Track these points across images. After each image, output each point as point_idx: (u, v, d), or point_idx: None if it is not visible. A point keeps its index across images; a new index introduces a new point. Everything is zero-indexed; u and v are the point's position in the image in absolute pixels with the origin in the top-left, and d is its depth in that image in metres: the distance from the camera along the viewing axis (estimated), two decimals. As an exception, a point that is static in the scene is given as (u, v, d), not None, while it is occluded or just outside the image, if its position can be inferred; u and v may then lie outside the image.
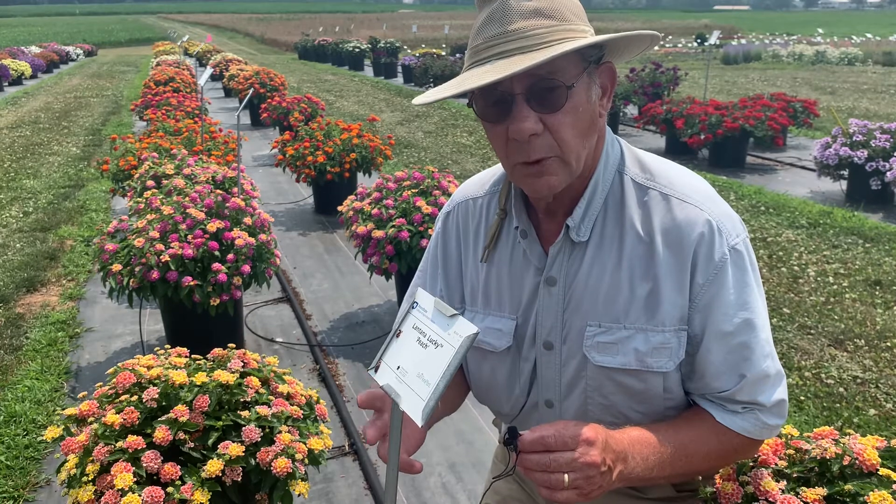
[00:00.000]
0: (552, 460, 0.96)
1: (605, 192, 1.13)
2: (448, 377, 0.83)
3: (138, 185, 4.69)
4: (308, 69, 23.47)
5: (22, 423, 3.23)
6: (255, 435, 1.79)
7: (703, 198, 1.11)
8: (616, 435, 1.04)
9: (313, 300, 4.64)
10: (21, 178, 8.17)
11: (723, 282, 1.08)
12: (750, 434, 1.12)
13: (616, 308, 1.11)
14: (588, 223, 1.13)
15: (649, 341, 1.10)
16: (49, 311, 4.47)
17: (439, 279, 1.32)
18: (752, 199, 6.83)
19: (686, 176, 1.16)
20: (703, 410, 1.14)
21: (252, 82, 11.53)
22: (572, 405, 1.18)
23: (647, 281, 1.10)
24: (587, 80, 1.05)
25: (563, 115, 1.02)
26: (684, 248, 1.08)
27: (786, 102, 8.93)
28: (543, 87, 1.01)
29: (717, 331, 1.09)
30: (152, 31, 48.04)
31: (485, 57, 1.02)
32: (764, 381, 1.11)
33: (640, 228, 1.11)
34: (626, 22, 48.31)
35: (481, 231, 1.26)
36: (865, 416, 3.24)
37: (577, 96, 1.03)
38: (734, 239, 1.09)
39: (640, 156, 1.18)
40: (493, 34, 1.01)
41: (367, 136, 6.39)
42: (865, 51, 23.09)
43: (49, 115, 13.03)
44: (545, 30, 1.00)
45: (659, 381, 1.12)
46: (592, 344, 1.13)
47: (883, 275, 4.87)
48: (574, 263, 1.14)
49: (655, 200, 1.11)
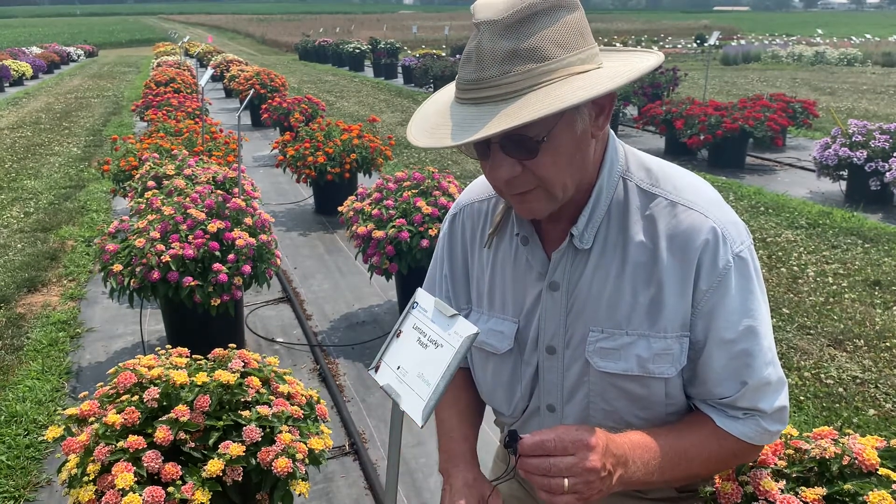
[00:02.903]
0: (552, 465, 0.96)
1: (608, 198, 1.13)
2: (448, 377, 0.83)
3: (139, 185, 4.70)
4: (308, 70, 23.47)
5: (23, 423, 3.23)
6: (256, 435, 1.79)
7: (709, 204, 1.11)
8: (617, 439, 1.04)
9: (314, 300, 4.65)
10: (22, 178, 8.18)
11: (726, 289, 1.08)
12: (750, 440, 1.13)
13: (619, 314, 1.11)
14: (592, 230, 1.12)
15: (651, 347, 1.10)
16: (50, 312, 4.47)
17: (446, 282, 1.32)
18: (752, 199, 6.84)
19: (691, 181, 1.15)
20: (704, 415, 1.15)
21: (253, 83, 11.54)
22: (574, 410, 1.18)
23: (650, 287, 1.10)
24: (571, 116, 1.01)
25: (541, 159, 1.01)
26: (688, 254, 1.08)
27: (785, 103, 8.94)
28: (517, 139, 1.00)
29: (720, 337, 1.09)
30: (153, 32, 48.05)
31: (461, 98, 1.02)
32: (765, 388, 1.11)
33: (644, 235, 1.10)
34: (626, 23, 48.29)
35: (487, 233, 1.26)
36: (865, 416, 3.24)
37: (555, 139, 1.01)
38: (739, 246, 1.09)
39: (645, 160, 1.17)
40: (469, 79, 1.00)
41: (367, 137, 6.39)
42: (865, 51, 23.08)
43: (50, 116, 13.04)
44: (521, 77, 0.96)
45: (661, 386, 1.12)
46: (595, 349, 1.13)
47: (882, 275, 4.87)
48: (577, 269, 1.14)
49: (660, 206, 1.11)
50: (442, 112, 1.05)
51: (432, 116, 1.07)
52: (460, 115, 1.00)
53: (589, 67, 1.00)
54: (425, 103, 1.14)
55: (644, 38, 34.49)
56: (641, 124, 9.55)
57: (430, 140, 1.02)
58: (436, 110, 1.08)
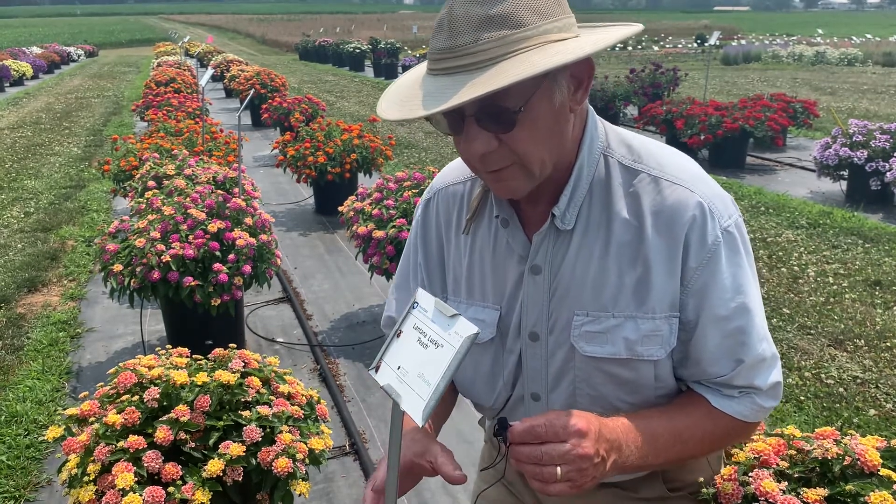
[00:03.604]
0: (544, 453, 0.93)
1: (590, 176, 1.08)
2: (448, 377, 0.83)
3: (139, 185, 4.70)
4: (309, 70, 23.48)
5: (23, 423, 3.23)
6: (256, 435, 1.79)
7: (693, 178, 1.07)
8: (609, 423, 1.01)
9: (314, 300, 4.65)
10: (22, 178, 8.18)
11: (717, 265, 1.05)
12: (746, 418, 1.10)
13: (604, 296, 1.08)
14: (573, 210, 1.08)
15: (639, 329, 1.07)
16: (50, 312, 4.47)
17: (420, 270, 1.28)
18: (752, 199, 6.84)
19: (674, 156, 1.11)
20: (698, 395, 1.12)
21: (253, 83, 11.54)
22: (560, 397, 1.15)
23: (636, 267, 1.06)
24: (548, 86, 0.97)
25: (518, 132, 0.97)
26: (675, 231, 1.04)
27: (785, 103, 8.94)
28: (492, 111, 0.95)
29: (713, 316, 1.06)
30: (153, 32, 48.07)
31: (434, 69, 0.97)
32: (760, 364, 1.09)
33: (628, 213, 1.07)
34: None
35: (463, 218, 1.20)
36: (865, 416, 3.24)
37: (534, 110, 0.97)
38: (726, 221, 1.05)
39: (626, 137, 1.13)
40: (441, 48, 0.95)
41: (367, 137, 6.39)
42: (865, 51, 23.10)
43: (50, 116, 13.04)
44: (494, 44, 0.92)
45: (650, 369, 1.09)
46: (580, 334, 1.09)
47: (883, 275, 4.87)
48: (560, 251, 1.10)
49: (644, 183, 1.07)
50: (414, 85, 1.01)
51: (403, 90, 1.03)
52: (433, 85, 0.96)
53: (566, 36, 0.97)
54: (398, 79, 1.09)
55: (644, 37, 34.50)
56: (642, 124, 9.55)
57: (401, 112, 0.97)
58: (407, 83, 1.03)
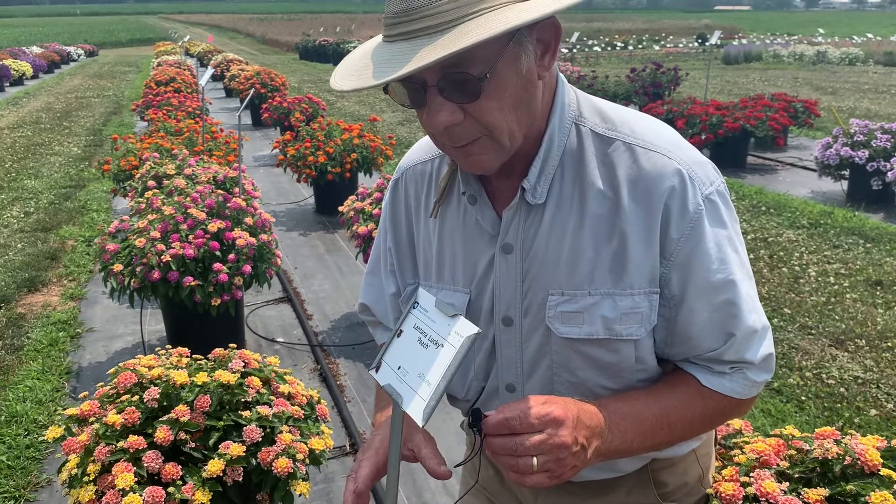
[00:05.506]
0: (518, 444, 0.88)
1: (561, 147, 1.02)
2: (449, 378, 0.82)
3: (139, 185, 4.70)
4: (309, 69, 23.47)
5: (23, 423, 3.23)
6: (256, 435, 1.79)
7: (671, 145, 1.01)
8: (589, 408, 0.95)
9: (314, 300, 4.64)
10: (22, 178, 8.18)
11: (700, 235, 0.98)
12: (739, 395, 1.05)
13: (579, 273, 1.01)
14: (545, 183, 1.02)
15: (617, 307, 1.01)
16: (50, 312, 4.47)
17: (390, 255, 1.23)
18: (753, 199, 6.83)
19: (651, 123, 1.05)
20: (686, 374, 1.06)
21: (253, 82, 11.54)
22: (536, 386, 1.09)
23: (612, 240, 1.00)
24: (514, 50, 0.91)
25: (484, 102, 0.91)
26: (653, 200, 0.98)
27: (787, 102, 8.94)
28: (455, 79, 0.90)
29: (700, 288, 1.00)
30: (153, 32, 48.07)
31: (389, 35, 0.91)
32: (752, 336, 1.03)
33: (603, 183, 1.00)
34: (627, 22, 48.30)
35: (432, 197, 1.14)
36: (866, 416, 3.24)
37: (499, 77, 0.91)
38: (708, 188, 0.99)
39: (599, 104, 1.07)
40: (396, 10, 0.89)
41: (367, 137, 6.39)
42: (866, 51, 23.09)
43: (50, 116, 13.04)
44: (454, 5, 0.86)
45: (630, 350, 1.03)
46: (556, 314, 1.03)
47: (884, 275, 4.87)
48: (531, 228, 1.04)
49: (619, 151, 1.01)
50: (369, 54, 0.95)
51: (358, 60, 0.96)
52: (389, 52, 0.90)
53: None
54: (353, 52, 1.01)
55: (645, 37, 34.48)
56: (642, 124, 9.55)
57: (355, 82, 0.91)
58: (362, 53, 0.97)
